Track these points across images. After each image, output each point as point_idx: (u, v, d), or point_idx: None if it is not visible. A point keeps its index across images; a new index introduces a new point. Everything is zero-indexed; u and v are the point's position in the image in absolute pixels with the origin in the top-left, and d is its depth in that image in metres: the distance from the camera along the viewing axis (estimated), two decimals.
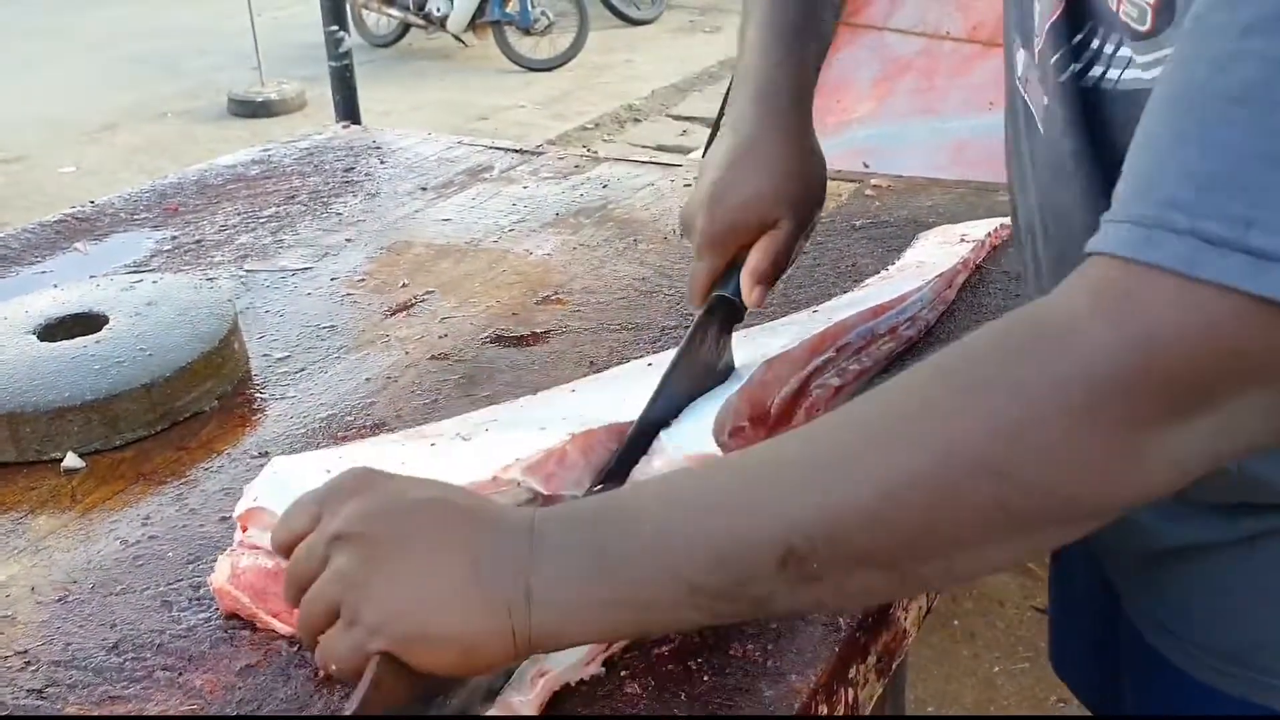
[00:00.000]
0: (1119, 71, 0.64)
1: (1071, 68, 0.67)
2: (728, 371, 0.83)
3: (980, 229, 1.19)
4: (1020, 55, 0.74)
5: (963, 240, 1.16)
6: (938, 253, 1.13)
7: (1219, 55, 0.47)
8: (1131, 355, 0.47)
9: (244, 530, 0.71)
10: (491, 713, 0.61)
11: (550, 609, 0.54)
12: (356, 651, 0.54)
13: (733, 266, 0.87)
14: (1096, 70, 0.66)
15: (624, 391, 0.81)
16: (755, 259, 0.86)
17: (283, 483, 0.71)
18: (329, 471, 0.70)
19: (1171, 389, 0.47)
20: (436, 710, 0.58)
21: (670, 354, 0.83)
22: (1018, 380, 0.49)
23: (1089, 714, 0.97)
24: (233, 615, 0.71)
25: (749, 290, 0.85)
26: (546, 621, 0.54)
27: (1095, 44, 0.66)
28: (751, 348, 0.86)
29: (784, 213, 0.86)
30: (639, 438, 0.74)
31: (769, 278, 0.86)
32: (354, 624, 0.54)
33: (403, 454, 0.73)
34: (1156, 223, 0.47)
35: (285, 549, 0.59)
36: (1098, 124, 0.66)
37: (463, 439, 0.73)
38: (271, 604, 0.69)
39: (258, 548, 0.70)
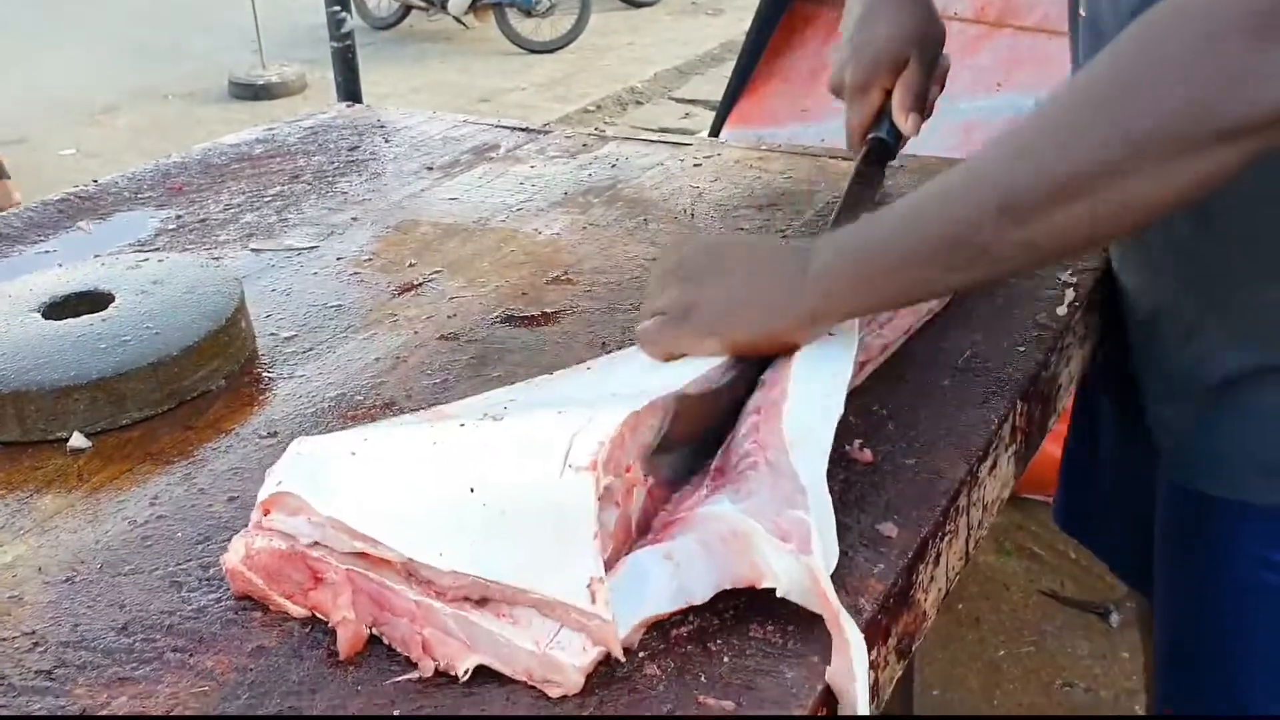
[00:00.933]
0: None
1: None
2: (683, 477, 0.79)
3: None
4: None
5: None
6: None
7: None
8: None
9: (265, 514, 0.69)
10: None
11: (818, 291, 0.77)
12: (684, 336, 0.80)
13: (878, 117, 1.10)
14: None
15: (650, 366, 0.80)
16: (898, 95, 1.08)
17: (307, 465, 0.69)
18: (354, 454, 0.69)
19: None
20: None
21: None
22: (1171, 28, 0.66)
23: (1089, 716, 1.03)
24: (245, 596, 0.70)
25: (903, 118, 1.08)
26: (824, 302, 0.77)
27: None
28: None
29: (912, 51, 1.07)
30: None
31: (917, 105, 1.08)
32: (683, 320, 0.80)
33: (432, 434, 0.71)
34: None
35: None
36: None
37: (493, 419, 0.72)
38: (285, 586, 0.68)
39: (276, 531, 0.69)
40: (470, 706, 0.61)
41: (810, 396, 0.76)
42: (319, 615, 0.68)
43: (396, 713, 0.61)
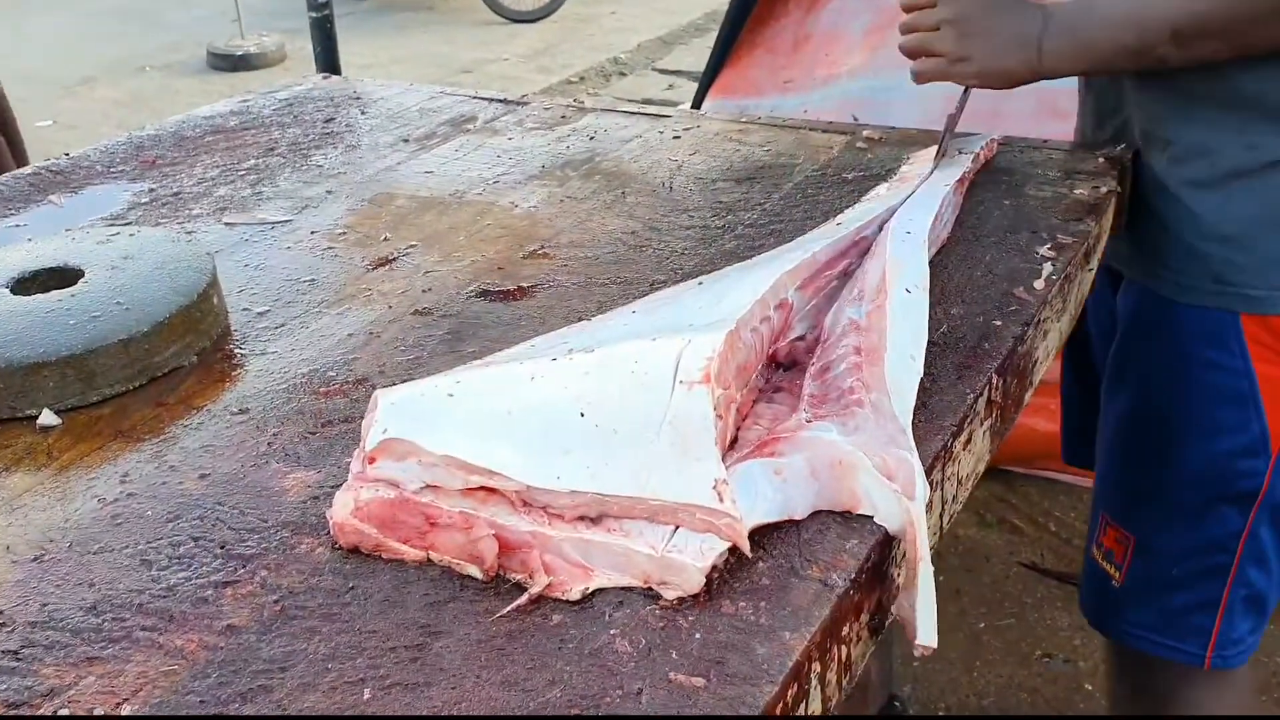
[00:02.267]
0: None
1: None
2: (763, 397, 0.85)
3: (973, 143, 1.25)
4: None
5: (960, 153, 1.22)
6: (944, 164, 1.19)
7: None
8: None
9: (370, 463, 0.71)
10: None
11: (1049, 53, 1.11)
12: (949, 51, 1.15)
13: None
14: None
15: (716, 297, 0.83)
16: None
17: (409, 410, 0.72)
18: (451, 395, 0.73)
19: None
20: None
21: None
22: None
23: (1080, 714, 1.10)
24: (354, 549, 0.71)
25: None
26: (1048, 60, 1.11)
27: None
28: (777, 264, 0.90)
29: None
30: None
31: None
32: (951, 33, 1.14)
33: (527, 370, 0.74)
34: None
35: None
36: None
37: (584, 351, 0.74)
38: (401, 532, 0.70)
39: (381, 480, 0.71)
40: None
41: (902, 349, 0.81)
42: (433, 556, 0.70)
43: (367, 694, 0.61)
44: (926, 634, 0.67)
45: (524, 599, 0.66)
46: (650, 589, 0.66)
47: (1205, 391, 1.16)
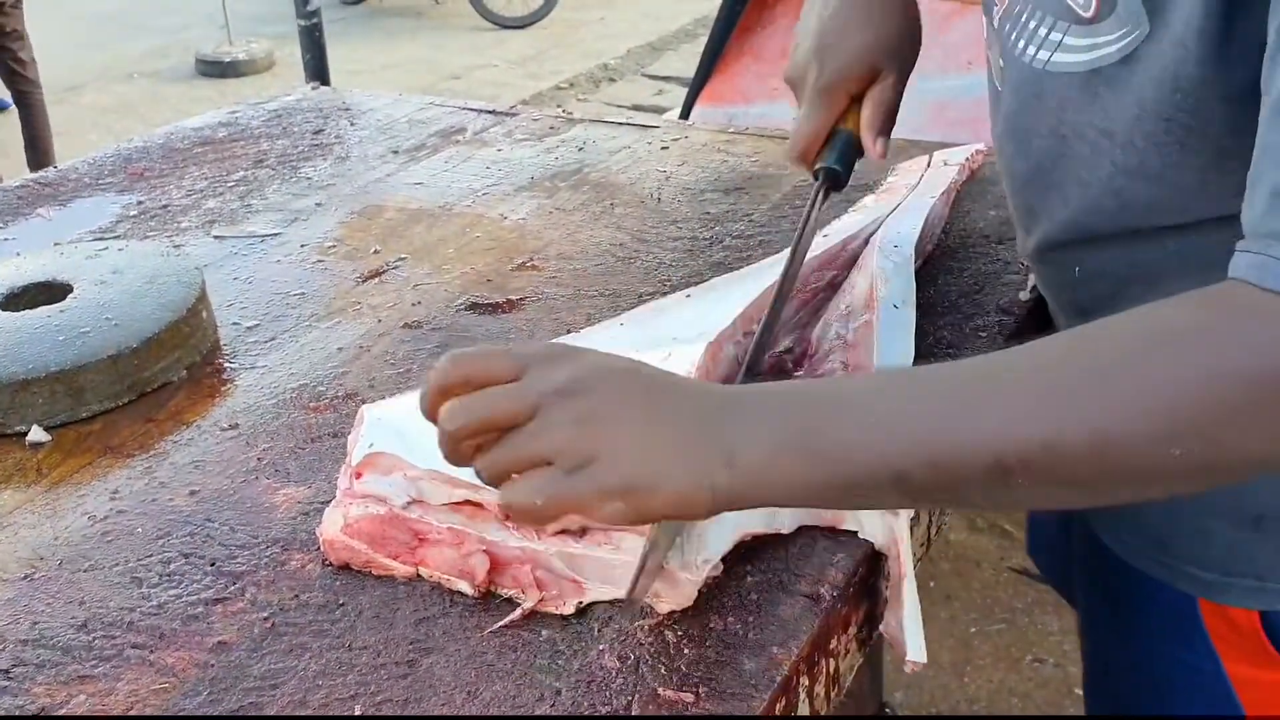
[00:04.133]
0: (1048, 53, 0.74)
1: (1014, 40, 0.78)
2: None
3: (958, 154, 1.24)
4: (985, 20, 0.85)
5: (946, 164, 1.21)
6: (930, 175, 1.18)
7: None
8: None
9: (357, 478, 0.72)
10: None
11: (747, 478, 0.57)
12: (591, 494, 0.56)
13: (831, 135, 0.90)
14: (1030, 49, 0.76)
15: (705, 309, 0.84)
16: (869, 112, 0.89)
17: (393, 425, 0.73)
18: None
19: None
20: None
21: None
22: (1235, 358, 0.54)
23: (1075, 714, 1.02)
24: (344, 566, 0.71)
25: (872, 142, 0.89)
26: (743, 487, 0.58)
27: (1031, 23, 0.76)
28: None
29: (889, 63, 0.90)
30: (770, 325, 0.80)
31: (887, 129, 0.90)
32: (582, 469, 0.56)
33: None
34: None
35: (471, 384, 0.59)
36: (1031, 95, 0.77)
37: None
38: (390, 548, 0.71)
39: (369, 496, 0.71)
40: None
41: (888, 363, 0.81)
42: (423, 571, 0.70)
43: (358, 710, 0.61)
44: (915, 650, 0.68)
45: (517, 614, 0.67)
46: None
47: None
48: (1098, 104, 0.72)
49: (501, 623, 0.66)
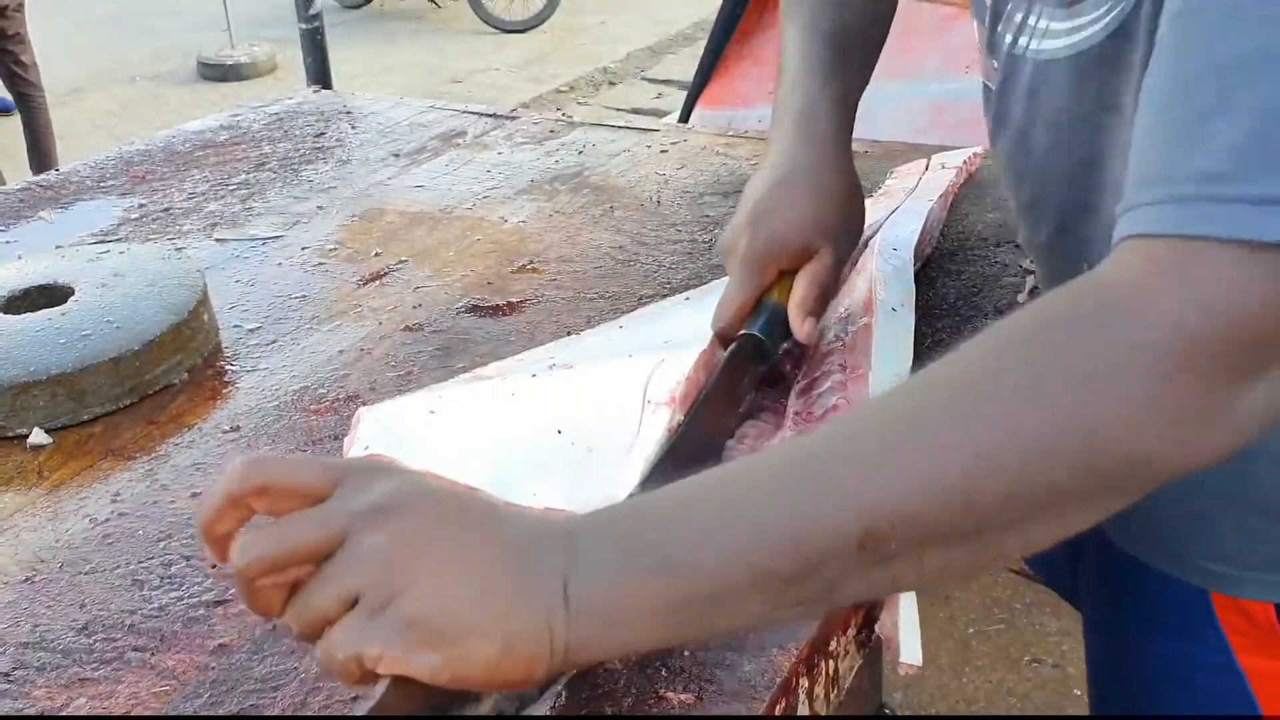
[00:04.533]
0: (1038, 42, 0.73)
1: (1003, 35, 0.77)
2: (749, 414, 0.80)
3: (956, 157, 1.24)
4: (975, 24, 0.84)
5: (944, 167, 1.21)
6: (928, 178, 1.18)
7: (1216, 26, 0.50)
8: (1202, 320, 0.48)
9: None
10: None
11: (592, 614, 0.48)
12: (394, 641, 0.46)
13: (760, 303, 0.84)
14: (1021, 40, 0.75)
15: (701, 313, 0.84)
16: (801, 289, 0.83)
17: (389, 427, 0.73)
18: (432, 412, 0.73)
19: (1243, 348, 0.48)
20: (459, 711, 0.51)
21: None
22: (1097, 349, 0.49)
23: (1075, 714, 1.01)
24: None
25: (799, 322, 0.82)
26: (588, 627, 0.48)
27: (1018, 15, 0.75)
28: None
29: (825, 242, 0.84)
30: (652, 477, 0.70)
31: (818, 309, 0.84)
32: (385, 608, 0.47)
33: (508, 386, 0.75)
34: (1198, 197, 0.49)
35: (270, 493, 0.49)
36: (1027, 90, 0.76)
37: (564, 368, 0.75)
38: None
39: None
40: None
41: (888, 368, 0.80)
42: None
43: (359, 712, 0.61)
44: (910, 652, 0.67)
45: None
46: None
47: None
48: (1093, 83, 0.71)
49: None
